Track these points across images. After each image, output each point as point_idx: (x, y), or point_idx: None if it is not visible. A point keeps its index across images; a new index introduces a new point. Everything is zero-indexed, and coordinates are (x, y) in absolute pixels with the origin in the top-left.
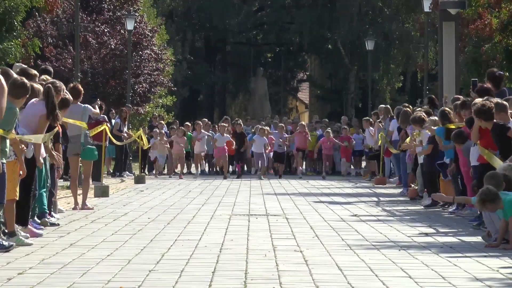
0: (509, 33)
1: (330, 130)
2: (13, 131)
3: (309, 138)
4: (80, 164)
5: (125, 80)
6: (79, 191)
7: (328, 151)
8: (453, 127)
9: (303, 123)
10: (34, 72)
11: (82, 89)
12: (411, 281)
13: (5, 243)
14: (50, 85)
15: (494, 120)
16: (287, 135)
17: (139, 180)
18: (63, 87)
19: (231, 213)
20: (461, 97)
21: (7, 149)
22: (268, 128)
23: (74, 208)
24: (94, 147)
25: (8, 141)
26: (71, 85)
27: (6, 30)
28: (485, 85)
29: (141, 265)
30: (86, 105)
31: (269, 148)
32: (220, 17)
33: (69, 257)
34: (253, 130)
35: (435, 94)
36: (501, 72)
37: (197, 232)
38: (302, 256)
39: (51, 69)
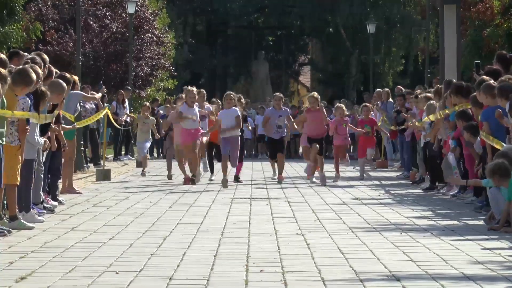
0: (511, 16)
1: (343, 105)
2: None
3: (327, 119)
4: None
5: (126, 64)
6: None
7: (341, 140)
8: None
9: (314, 94)
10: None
11: (72, 77)
12: (413, 264)
13: (4, 228)
14: (43, 88)
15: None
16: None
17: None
18: (46, 58)
19: (233, 197)
20: (453, 80)
21: (3, 130)
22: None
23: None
24: (69, 127)
25: (5, 123)
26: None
27: (8, 14)
28: (494, 67)
29: (143, 248)
30: (73, 91)
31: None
32: (221, 0)
33: (71, 240)
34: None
35: (439, 79)
36: None
37: (199, 215)
38: (304, 239)
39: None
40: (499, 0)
